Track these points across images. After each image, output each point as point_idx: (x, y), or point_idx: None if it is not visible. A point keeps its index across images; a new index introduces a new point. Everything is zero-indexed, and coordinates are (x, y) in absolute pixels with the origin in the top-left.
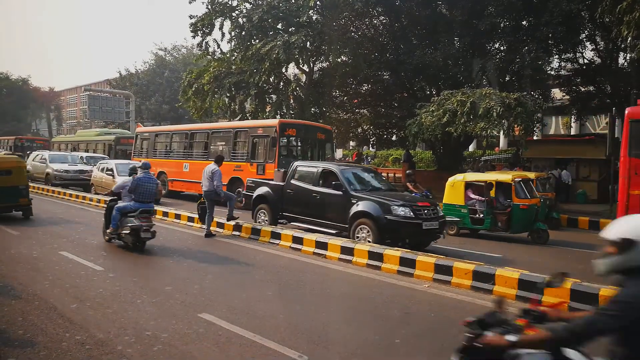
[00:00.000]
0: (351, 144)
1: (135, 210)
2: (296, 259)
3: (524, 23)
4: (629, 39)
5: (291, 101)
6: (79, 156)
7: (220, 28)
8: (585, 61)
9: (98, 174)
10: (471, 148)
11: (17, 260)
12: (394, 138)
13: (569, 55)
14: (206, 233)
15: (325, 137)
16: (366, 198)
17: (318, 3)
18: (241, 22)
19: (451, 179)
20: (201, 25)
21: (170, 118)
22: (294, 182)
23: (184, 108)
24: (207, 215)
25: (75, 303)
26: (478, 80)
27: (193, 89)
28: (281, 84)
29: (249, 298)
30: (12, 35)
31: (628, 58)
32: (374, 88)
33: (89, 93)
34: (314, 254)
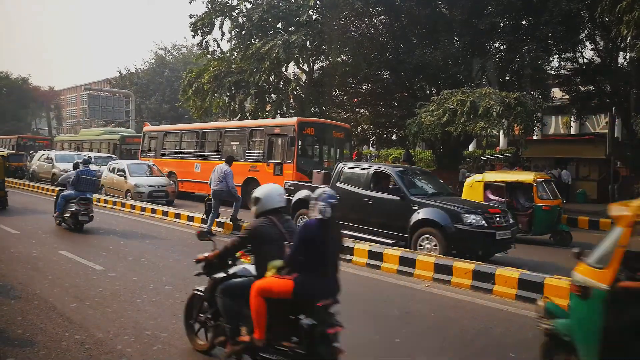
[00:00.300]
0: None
1: (76, 197)
2: None
3: (524, 22)
4: (629, 38)
5: (291, 100)
6: (86, 155)
7: (220, 27)
8: (585, 61)
9: (109, 175)
10: (471, 147)
11: (17, 260)
12: (394, 137)
13: (568, 54)
14: (206, 230)
15: (344, 136)
16: (430, 204)
17: (318, 2)
18: (241, 22)
19: (470, 179)
20: (201, 25)
21: (170, 117)
22: (340, 186)
23: (184, 107)
24: (212, 214)
25: (74, 302)
26: (478, 80)
27: (193, 88)
28: (281, 83)
29: None
30: (12, 34)
31: (628, 57)
32: (374, 87)
33: (88, 92)
34: None
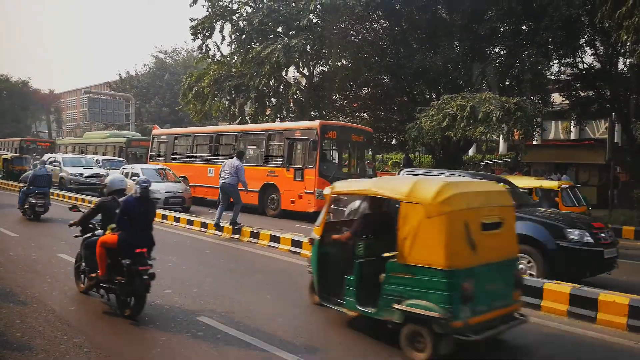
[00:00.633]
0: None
1: (33, 192)
2: (295, 262)
3: (524, 27)
4: (629, 44)
5: (291, 104)
6: (93, 159)
7: (221, 31)
8: (585, 66)
9: None
10: (471, 152)
11: (16, 263)
12: (394, 142)
13: (568, 60)
14: (216, 222)
15: (366, 140)
16: (523, 217)
17: (318, 7)
18: (241, 26)
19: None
20: (201, 28)
21: (170, 121)
22: None
23: (184, 111)
24: (220, 207)
25: (73, 306)
26: (478, 85)
27: (193, 92)
28: (281, 87)
29: (247, 301)
30: (12, 37)
31: (628, 63)
32: (374, 92)
33: (88, 95)
34: None
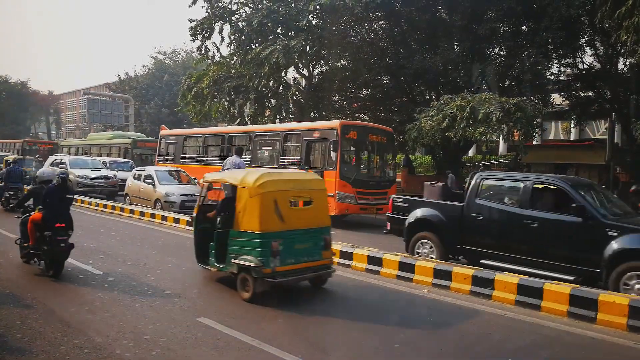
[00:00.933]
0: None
1: (7, 187)
2: None
3: (524, 28)
4: (629, 44)
5: (290, 105)
6: (100, 161)
7: (220, 32)
8: (585, 66)
9: (135, 183)
10: (470, 153)
11: (16, 264)
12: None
13: (568, 60)
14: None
15: (387, 141)
16: (637, 229)
17: (318, 7)
18: (241, 26)
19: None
20: (201, 29)
21: (169, 122)
22: (482, 202)
23: (183, 112)
24: None
25: (73, 307)
26: (478, 85)
27: (192, 93)
28: (281, 88)
29: (247, 302)
30: (11, 38)
31: (628, 63)
32: (374, 92)
33: (88, 97)
34: None
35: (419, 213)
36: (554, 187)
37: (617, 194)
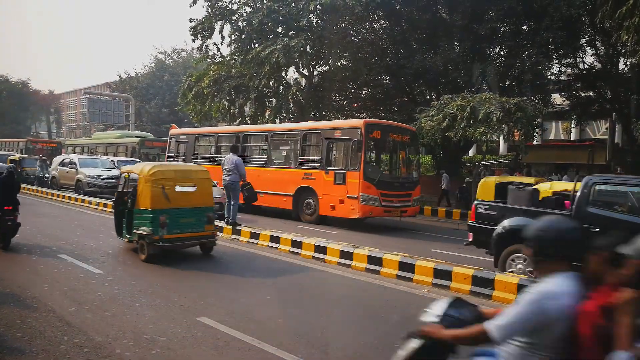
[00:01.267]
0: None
1: None
2: (295, 263)
3: (524, 28)
4: (629, 44)
5: (291, 105)
6: (109, 160)
7: (221, 32)
8: (586, 66)
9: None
10: (471, 153)
11: (16, 263)
12: None
13: (569, 60)
14: (232, 222)
15: (411, 140)
16: None
17: (318, 7)
18: (241, 26)
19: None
20: (201, 29)
21: (169, 121)
22: (596, 212)
23: (184, 111)
24: (233, 206)
25: (73, 306)
26: (478, 85)
27: (193, 93)
28: (281, 87)
29: (247, 302)
30: (12, 37)
31: (628, 63)
32: (374, 92)
33: (88, 96)
34: (313, 258)
35: (511, 222)
36: None
37: None
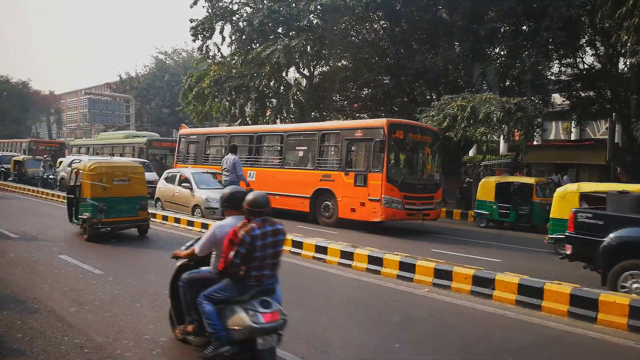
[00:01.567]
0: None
1: None
2: (296, 263)
3: (524, 28)
4: (629, 44)
5: (291, 105)
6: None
7: (221, 32)
8: (586, 66)
9: (168, 187)
10: (471, 153)
11: (17, 264)
12: None
13: (569, 60)
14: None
15: (433, 141)
16: None
17: (319, 7)
18: (242, 26)
19: (561, 189)
20: (202, 29)
21: (170, 122)
22: None
23: (184, 112)
24: None
25: (74, 306)
26: (478, 85)
27: (193, 93)
28: (281, 88)
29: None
30: (12, 38)
31: (628, 63)
32: (374, 92)
33: (89, 96)
34: (314, 258)
35: (624, 234)
36: None
37: None
